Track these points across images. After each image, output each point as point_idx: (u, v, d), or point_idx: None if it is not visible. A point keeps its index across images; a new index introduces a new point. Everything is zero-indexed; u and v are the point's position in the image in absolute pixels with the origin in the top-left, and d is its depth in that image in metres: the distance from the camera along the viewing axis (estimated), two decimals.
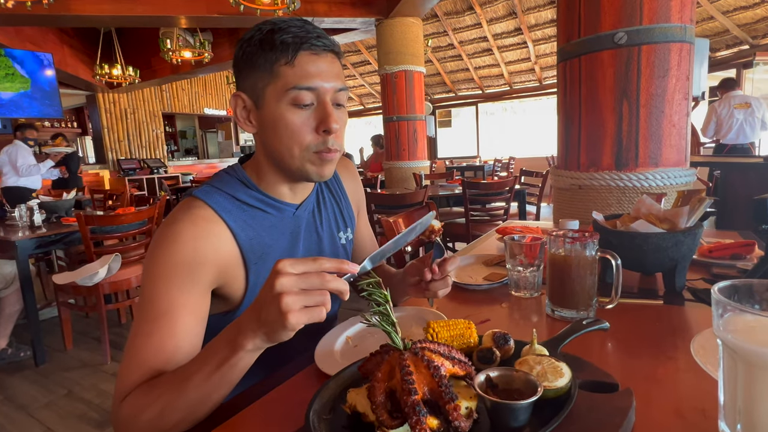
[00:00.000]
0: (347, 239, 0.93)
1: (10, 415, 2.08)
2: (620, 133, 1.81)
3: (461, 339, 0.60)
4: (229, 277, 0.71)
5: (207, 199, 0.70)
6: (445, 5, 7.53)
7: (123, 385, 0.61)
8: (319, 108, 0.69)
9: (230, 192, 0.73)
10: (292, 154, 0.70)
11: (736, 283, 0.43)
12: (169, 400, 0.57)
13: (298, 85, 0.67)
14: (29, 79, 6.05)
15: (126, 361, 0.63)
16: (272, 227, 0.77)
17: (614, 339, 0.72)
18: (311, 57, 0.68)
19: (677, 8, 1.70)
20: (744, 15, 5.88)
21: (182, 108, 9.51)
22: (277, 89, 0.68)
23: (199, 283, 0.66)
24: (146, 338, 0.62)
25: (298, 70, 0.67)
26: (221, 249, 0.69)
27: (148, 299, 0.64)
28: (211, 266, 0.67)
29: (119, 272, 2.54)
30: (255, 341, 0.53)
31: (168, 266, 0.64)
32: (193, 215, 0.68)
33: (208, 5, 4.72)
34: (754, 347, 0.39)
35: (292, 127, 0.69)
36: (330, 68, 0.70)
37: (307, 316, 0.50)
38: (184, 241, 0.65)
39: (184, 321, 0.64)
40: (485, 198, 3.35)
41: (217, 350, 0.56)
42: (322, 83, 0.68)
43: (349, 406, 0.48)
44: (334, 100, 0.71)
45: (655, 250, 0.87)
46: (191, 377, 0.57)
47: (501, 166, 7.51)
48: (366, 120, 11.49)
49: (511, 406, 0.44)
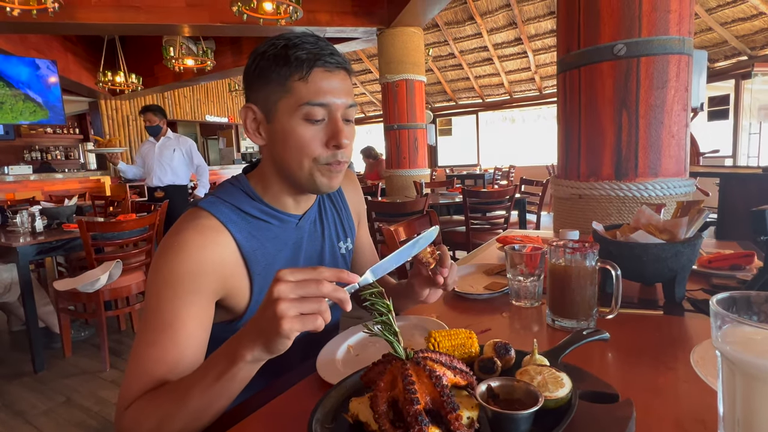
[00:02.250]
0: (347, 249, 0.94)
1: (8, 423, 2.06)
2: (620, 144, 1.82)
3: (462, 349, 0.60)
4: (233, 287, 0.72)
5: (212, 209, 0.71)
6: (446, 15, 7.60)
7: (127, 393, 0.62)
8: (330, 123, 0.71)
9: (235, 203, 0.74)
10: (302, 166, 0.72)
11: (735, 295, 0.44)
12: (169, 410, 0.57)
13: (311, 101, 0.69)
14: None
15: (130, 370, 0.63)
16: (275, 238, 0.78)
17: (614, 349, 0.72)
18: (325, 74, 0.70)
19: (675, 21, 1.72)
20: (742, 26, 5.93)
21: (184, 115, 9.56)
22: (290, 104, 0.70)
23: (204, 293, 0.67)
24: (150, 348, 0.63)
25: (311, 86, 0.69)
26: (226, 259, 0.70)
27: (153, 308, 0.65)
28: (216, 276, 0.68)
29: (120, 279, 2.55)
30: (254, 352, 0.53)
31: (173, 276, 0.65)
32: (198, 225, 0.69)
33: (211, 14, 4.77)
34: (752, 359, 0.40)
35: (303, 141, 0.70)
36: (342, 85, 0.72)
37: (302, 323, 0.50)
38: (189, 251, 0.66)
39: (189, 331, 0.64)
40: (485, 207, 3.36)
41: (218, 361, 0.57)
42: (334, 99, 0.70)
43: (351, 416, 0.49)
44: (344, 115, 0.72)
45: (655, 261, 0.87)
46: (191, 388, 0.57)
47: (501, 174, 7.54)
48: (367, 128, 11.54)
49: (513, 416, 0.44)
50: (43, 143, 8.79)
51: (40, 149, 8.68)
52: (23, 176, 5.56)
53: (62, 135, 8.98)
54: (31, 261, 2.53)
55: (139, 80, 6.67)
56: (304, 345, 0.84)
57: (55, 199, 4.47)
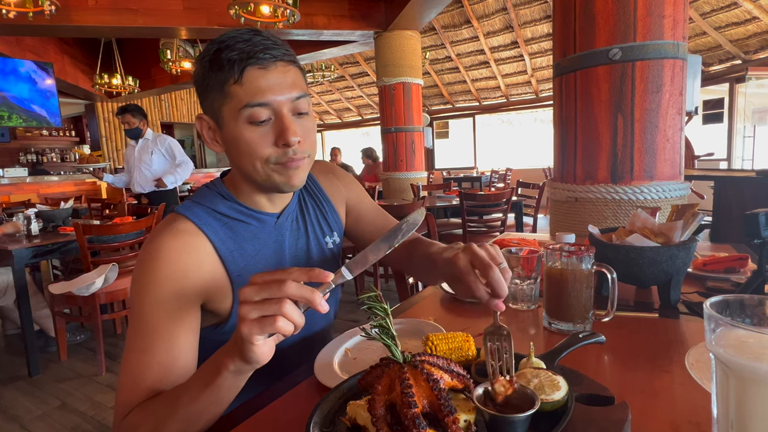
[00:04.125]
0: (335, 243, 0.92)
1: (3, 427, 2.05)
2: (615, 147, 1.84)
3: (459, 352, 0.60)
4: (215, 290, 0.71)
5: (187, 213, 0.72)
6: (442, 18, 7.64)
7: (122, 401, 0.62)
8: (276, 122, 0.68)
9: (209, 205, 0.74)
10: (255, 168, 0.70)
11: (728, 298, 0.44)
12: (161, 417, 0.57)
13: (250, 103, 0.66)
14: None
15: (123, 379, 0.63)
16: (254, 238, 0.77)
17: (610, 352, 0.72)
18: (260, 72, 0.66)
19: (670, 26, 1.74)
20: (736, 30, 5.99)
21: (181, 117, 9.55)
22: (231, 109, 0.67)
23: (186, 296, 0.67)
24: (141, 354, 0.63)
25: (247, 88, 0.66)
26: (204, 262, 0.70)
27: (137, 315, 0.65)
28: (195, 279, 0.68)
29: (115, 282, 2.53)
30: (235, 361, 0.52)
31: (153, 282, 0.65)
32: (174, 229, 0.69)
33: (208, 17, 4.77)
34: (745, 361, 0.40)
35: (251, 144, 0.68)
36: (282, 79, 0.67)
37: (260, 327, 0.47)
38: (166, 256, 0.66)
39: (177, 334, 0.65)
40: (482, 209, 3.37)
41: (206, 370, 0.56)
42: (274, 97, 0.66)
43: (349, 419, 0.49)
44: (293, 109, 0.69)
45: (650, 264, 0.88)
46: (181, 396, 0.57)
47: (498, 177, 7.55)
48: (364, 130, 11.55)
49: (509, 419, 0.44)
50: (39, 146, 8.73)
51: (35, 152, 8.64)
52: (19, 179, 5.52)
53: (58, 137, 8.93)
54: (27, 264, 2.51)
55: (135, 83, 6.66)
56: (300, 349, 0.84)
57: (50, 202, 4.44)
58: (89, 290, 2.38)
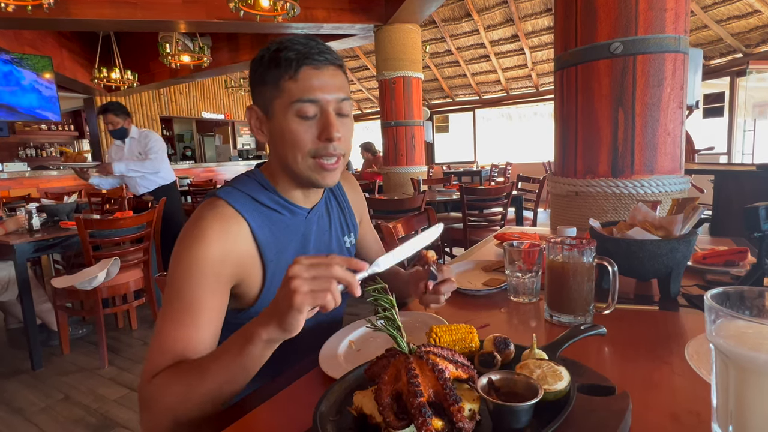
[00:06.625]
0: (351, 244, 1.00)
1: (7, 420, 2.07)
2: (616, 141, 1.84)
3: (463, 343, 0.61)
4: (247, 274, 0.76)
5: (229, 198, 0.76)
6: (443, 12, 7.59)
7: (152, 365, 0.67)
8: (322, 118, 0.75)
9: (250, 193, 0.79)
10: (296, 160, 0.76)
11: (728, 290, 0.45)
12: (191, 384, 0.62)
13: (301, 98, 0.73)
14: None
15: (155, 344, 0.68)
16: (286, 228, 0.82)
17: (611, 344, 0.73)
18: (313, 71, 0.73)
19: (671, 19, 1.73)
20: (737, 24, 5.96)
21: (180, 112, 9.52)
22: (283, 102, 0.74)
23: (222, 279, 0.71)
24: (174, 326, 0.68)
25: (301, 84, 0.73)
26: (242, 246, 0.74)
27: (176, 290, 0.69)
28: (233, 263, 0.73)
29: (117, 276, 2.55)
30: (268, 330, 0.57)
31: (195, 262, 0.69)
32: (218, 213, 0.73)
33: (207, 10, 4.74)
34: (745, 352, 0.41)
35: (296, 136, 0.75)
36: (332, 81, 0.75)
37: (312, 299, 0.54)
38: (210, 239, 0.70)
39: (208, 314, 0.69)
40: (483, 204, 3.37)
41: (236, 341, 0.61)
42: (324, 95, 0.74)
43: (355, 408, 0.50)
44: (337, 110, 0.76)
45: (651, 257, 0.89)
46: (212, 364, 0.62)
47: (498, 171, 7.55)
48: (364, 125, 11.52)
49: (513, 408, 0.45)
50: (38, 140, 8.72)
51: (35, 146, 8.62)
52: (18, 173, 5.51)
53: (57, 132, 8.91)
54: (28, 259, 2.51)
55: (134, 77, 6.63)
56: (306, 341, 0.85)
57: (51, 197, 4.43)
58: (92, 284, 2.39)
